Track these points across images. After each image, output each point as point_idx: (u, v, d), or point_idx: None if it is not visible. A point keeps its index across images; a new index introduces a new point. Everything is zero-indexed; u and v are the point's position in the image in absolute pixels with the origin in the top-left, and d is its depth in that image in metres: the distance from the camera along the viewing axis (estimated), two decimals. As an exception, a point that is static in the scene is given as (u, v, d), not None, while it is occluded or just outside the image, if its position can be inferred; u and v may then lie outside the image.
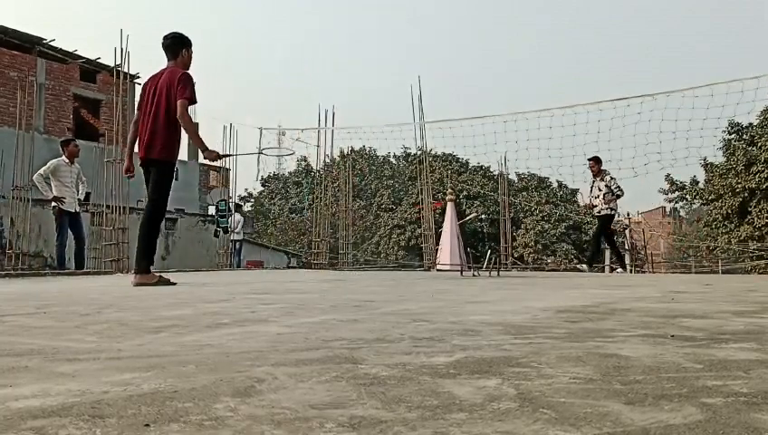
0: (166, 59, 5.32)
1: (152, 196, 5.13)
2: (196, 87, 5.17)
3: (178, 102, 5.03)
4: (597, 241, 10.46)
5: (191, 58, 5.40)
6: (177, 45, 5.30)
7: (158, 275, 5.11)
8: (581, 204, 10.79)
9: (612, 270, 10.87)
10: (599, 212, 9.90)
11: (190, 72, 5.30)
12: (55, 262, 9.34)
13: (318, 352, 1.48)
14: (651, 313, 2.47)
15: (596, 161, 9.94)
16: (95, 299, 3.45)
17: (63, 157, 8.75)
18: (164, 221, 5.75)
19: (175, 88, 5.06)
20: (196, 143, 5.37)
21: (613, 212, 9.98)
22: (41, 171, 8.71)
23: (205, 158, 5.69)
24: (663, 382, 1.13)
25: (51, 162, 8.73)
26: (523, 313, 2.47)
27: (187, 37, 5.38)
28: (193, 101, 5.12)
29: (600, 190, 9.83)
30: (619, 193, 9.74)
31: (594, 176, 9.97)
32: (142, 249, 5.05)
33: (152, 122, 5.12)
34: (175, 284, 5.06)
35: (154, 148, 5.10)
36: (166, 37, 5.33)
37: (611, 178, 9.86)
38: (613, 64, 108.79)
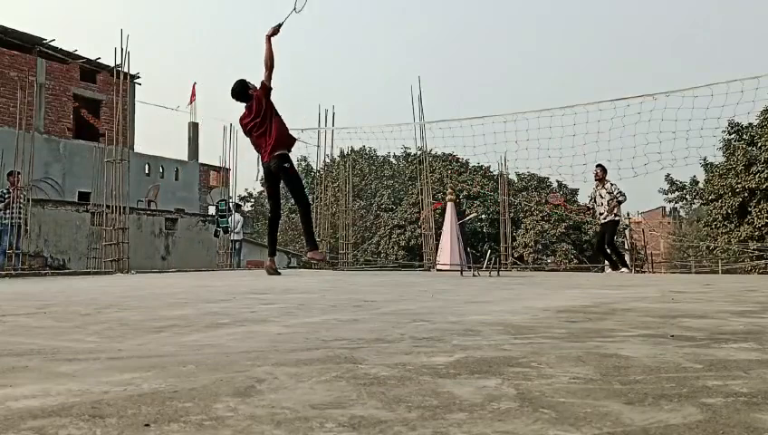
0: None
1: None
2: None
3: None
4: (613, 247, 10.42)
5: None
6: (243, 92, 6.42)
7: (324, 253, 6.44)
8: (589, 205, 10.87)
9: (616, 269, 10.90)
10: (604, 219, 10.03)
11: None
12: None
13: (318, 352, 1.48)
14: (651, 313, 2.47)
15: (602, 169, 10.15)
16: (95, 299, 3.45)
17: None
18: (164, 221, 6.22)
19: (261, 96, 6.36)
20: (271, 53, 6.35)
21: (618, 218, 10.13)
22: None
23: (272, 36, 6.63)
24: (663, 382, 1.13)
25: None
26: (522, 313, 2.47)
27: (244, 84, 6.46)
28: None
29: (603, 198, 9.99)
30: (621, 199, 9.91)
31: (598, 182, 10.17)
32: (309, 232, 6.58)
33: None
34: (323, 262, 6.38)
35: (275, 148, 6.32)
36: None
37: (612, 184, 10.03)
38: (613, 64, 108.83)
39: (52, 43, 19.80)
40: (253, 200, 47.22)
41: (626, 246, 21.73)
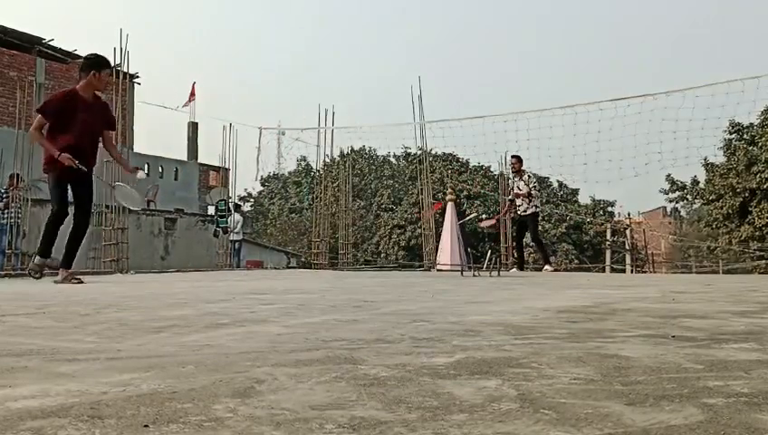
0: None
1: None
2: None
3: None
4: (539, 242, 10.14)
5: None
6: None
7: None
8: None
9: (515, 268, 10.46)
10: (524, 211, 9.67)
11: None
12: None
13: (318, 352, 1.48)
14: (652, 313, 2.47)
15: (518, 160, 9.83)
16: (95, 299, 3.44)
17: None
18: (163, 221, 6.00)
19: None
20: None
21: (538, 210, 9.83)
22: None
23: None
24: (664, 383, 1.13)
25: None
26: (523, 313, 2.47)
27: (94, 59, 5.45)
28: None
29: (521, 190, 9.63)
30: (533, 192, 9.54)
31: (516, 174, 9.84)
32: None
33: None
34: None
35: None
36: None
37: (529, 177, 9.71)
38: (613, 64, 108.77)
39: (51, 43, 19.78)
40: (252, 200, 47.23)
41: (627, 246, 21.75)
